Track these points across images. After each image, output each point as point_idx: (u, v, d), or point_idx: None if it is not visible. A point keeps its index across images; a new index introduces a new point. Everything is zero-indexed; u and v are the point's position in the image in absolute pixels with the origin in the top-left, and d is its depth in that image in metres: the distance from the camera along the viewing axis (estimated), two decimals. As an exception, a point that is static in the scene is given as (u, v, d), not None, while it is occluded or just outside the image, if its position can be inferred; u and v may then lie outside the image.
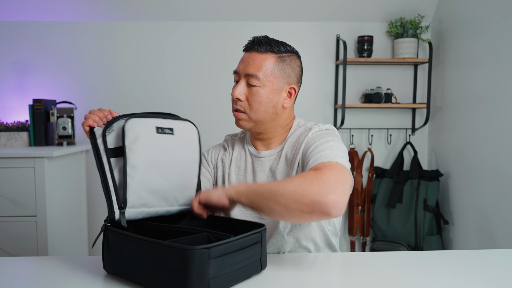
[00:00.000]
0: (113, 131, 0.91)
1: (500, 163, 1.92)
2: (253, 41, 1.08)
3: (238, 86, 1.07)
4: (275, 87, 1.07)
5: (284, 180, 0.90)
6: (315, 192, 0.82)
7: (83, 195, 2.44)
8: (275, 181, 0.93)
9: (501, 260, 0.99)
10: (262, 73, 1.05)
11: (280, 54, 1.07)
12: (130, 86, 2.53)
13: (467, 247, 2.22)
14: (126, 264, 0.83)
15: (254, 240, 0.83)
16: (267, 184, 0.91)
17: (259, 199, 0.88)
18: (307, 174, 0.88)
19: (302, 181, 0.85)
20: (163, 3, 2.39)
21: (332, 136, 1.04)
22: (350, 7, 2.45)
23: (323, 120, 2.59)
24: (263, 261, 0.86)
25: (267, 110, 1.07)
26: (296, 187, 0.84)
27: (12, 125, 2.30)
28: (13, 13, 2.41)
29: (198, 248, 0.72)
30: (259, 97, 1.06)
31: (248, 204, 0.91)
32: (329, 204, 0.81)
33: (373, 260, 0.98)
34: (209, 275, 0.73)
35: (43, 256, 1.02)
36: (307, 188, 0.83)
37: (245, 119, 1.09)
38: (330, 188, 0.82)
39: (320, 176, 0.85)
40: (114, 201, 0.88)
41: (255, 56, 1.06)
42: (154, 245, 0.77)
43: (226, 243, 0.76)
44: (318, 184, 0.83)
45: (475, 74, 2.12)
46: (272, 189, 0.87)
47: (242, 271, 0.81)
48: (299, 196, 0.82)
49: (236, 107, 1.09)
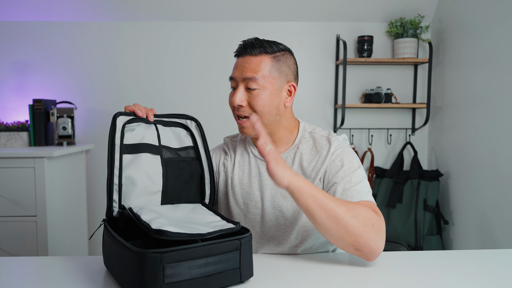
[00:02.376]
0: (134, 130, 0.94)
1: (500, 163, 1.92)
2: (244, 45, 1.06)
3: (238, 92, 1.04)
4: (275, 87, 1.05)
5: (350, 207, 0.90)
6: (372, 239, 0.90)
7: (83, 195, 2.44)
8: (341, 201, 0.91)
9: (501, 260, 0.99)
10: (260, 75, 1.03)
11: (274, 54, 1.05)
12: (130, 86, 2.52)
13: (467, 247, 2.22)
14: (111, 261, 0.85)
15: (229, 248, 0.78)
16: (333, 201, 0.89)
17: (319, 214, 0.89)
18: (371, 214, 0.92)
19: (366, 220, 0.90)
20: (164, 3, 2.39)
21: (351, 154, 1.07)
22: (350, 7, 2.45)
23: (323, 120, 2.59)
24: (245, 271, 0.81)
25: (271, 112, 1.05)
26: (361, 225, 0.89)
27: (12, 125, 2.30)
28: (13, 13, 2.41)
29: (149, 252, 0.70)
30: (261, 100, 1.03)
31: (302, 208, 0.90)
32: (377, 254, 0.91)
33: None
34: (162, 280, 0.71)
35: (43, 256, 1.02)
36: (368, 230, 0.90)
37: (250, 125, 1.06)
38: (381, 241, 0.91)
39: (378, 223, 0.92)
40: (115, 199, 0.89)
41: (250, 60, 1.04)
42: (120, 244, 0.77)
43: (185, 248, 0.73)
44: (377, 232, 0.91)
45: (475, 74, 2.11)
46: (339, 215, 0.88)
47: (211, 279, 0.76)
48: (358, 235, 0.89)
49: (239, 113, 1.06)
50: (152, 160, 0.95)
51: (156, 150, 0.96)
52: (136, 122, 0.95)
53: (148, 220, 0.80)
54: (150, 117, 0.98)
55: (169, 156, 0.99)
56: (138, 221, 0.81)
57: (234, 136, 1.23)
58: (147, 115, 0.98)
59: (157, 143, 0.97)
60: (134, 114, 0.96)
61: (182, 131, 1.04)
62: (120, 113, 0.93)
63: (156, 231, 0.75)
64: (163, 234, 0.74)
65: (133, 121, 0.95)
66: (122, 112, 0.94)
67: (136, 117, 0.96)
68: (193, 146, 1.04)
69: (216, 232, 0.79)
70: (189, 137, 1.04)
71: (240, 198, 1.11)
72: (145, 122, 0.97)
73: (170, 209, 0.93)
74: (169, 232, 0.74)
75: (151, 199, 0.94)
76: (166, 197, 0.97)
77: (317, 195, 0.89)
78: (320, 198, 0.89)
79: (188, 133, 1.04)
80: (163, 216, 0.85)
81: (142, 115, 0.97)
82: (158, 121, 1.00)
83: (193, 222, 0.86)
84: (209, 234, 0.78)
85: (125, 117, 0.94)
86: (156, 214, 0.85)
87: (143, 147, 0.94)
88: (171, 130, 1.02)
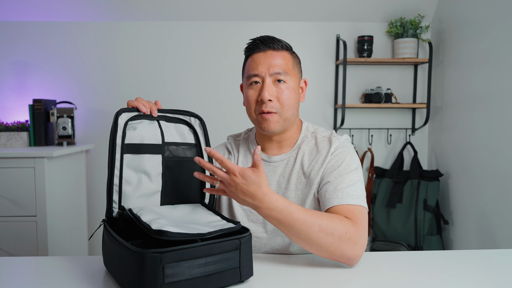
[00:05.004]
0: (136, 129, 0.92)
1: (500, 163, 1.92)
2: (262, 40, 1.05)
3: (266, 87, 1.02)
4: (296, 82, 1.07)
5: (326, 225, 0.89)
6: (348, 250, 0.90)
7: (83, 195, 2.44)
8: (316, 218, 0.89)
9: (501, 260, 0.99)
10: (287, 69, 1.04)
11: (291, 51, 1.08)
12: (130, 86, 2.52)
13: (467, 247, 2.22)
14: (111, 261, 0.84)
15: (229, 247, 0.78)
16: (303, 224, 0.88)
17: (291, 234, 0.89)
18: (347, 227, 0.90)
19: (342, 235, 0.89)
20: (164, 3, 2.39)
21: (352, 155, 1.05)
22: (350, 7, 2.45)
23: (323, 120, 2.59)
24: (245, 271, 0.81)
25: (294, 106, 1.07)
26: (335, 242, 0.89)
27: (12, 125, 2.30)
28: (13, 13, 2.41)
29: (149, 252, 0.70)
30: (289, 93, 1.04)
31: (274, 224, 0.89)
32: (356, 259, 0.91)
33: (373, 260, 0.98)
34: (162, 280, 0.71)
35: (43, 256, 1.02)
36: (343, 244, 0.89)
37: (276, 121, 1.04)
38: (360, 249, 0.91)
39: (356, 231, 0.91)
40: (115, 200, 0.89)
41: (274, 54, 1.04)
42: (120, 245, 0.77)
43: (185, 248, 0.73)
44: (353, 244, 0.90)
45: (475, 74, 2.11)
46: (310, 235, 0.88)
47: (210, 279, 0.76)
48: (334, 249, 0.89)
49: (267, 109, 1.03)
50: (153, 160, 0.94)
51: (157, 150, 0.95)
52: (139, 119, 0.93)
53: (148, 221, 0.80)
54: (154, 112, 0.95)
55: (171, 155, 0.97)
56: (138, 222, 0.81)
57: (237, 135, 1.23)
58: (151, 110, 0.95)
59: (160, 140, 0.96)
60: (137, 109, 0.93)
61: (185, 128, 1.02)
62: (123, 109, 0.91)
63: (157, 231, 0.75)
64: (163, 234, 0.74)
65: (136, 118, 0.93)
66: (125, 108, 0.92)
67: (139, 114, 0.94)
68: (195, 144, 1.02)
69: (216, 231, 0.79)
70: (191, 134, 1.03)
71: None
72: (148, 118, 0.95)
73: (170, 209, 0.93)
74: (169, 232, 0.74)
75: (150, 199, 0.94)
76: (166, 197, 0.97)
77: (284, 219, 0.88)
78: (289, 223, 0.88)
79: (191, 130, 1.03)
80: (163, 217, 0.85)
81: (145, 111, 0.94)
82: (162, 117, 0.98)
83: (193, 222, 0.86)
84: (210, 233, 0.78)
85: (128, 114, 0.92)
86: (156, 214, 0.85)
87: (144, 147, 0.93)
88: (174, 126, 1.00)
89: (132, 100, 0.95)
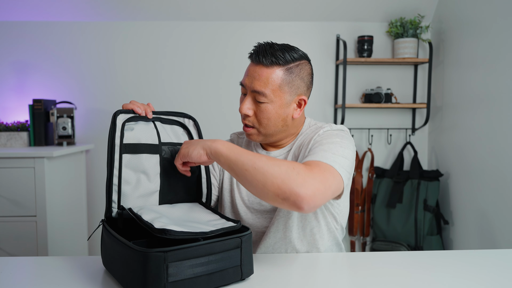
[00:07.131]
0: (134, 129, 0.93)
1: (500, 163, 1.92)
2: (257, 50, 1.01)
3: (246, 102, 1.03)
4: (284, 101, 1.02)
5: (272, 159, 0.85)
6: (297, 184, 0.81)
7: (83, 195, 2.44)
8: (262, 155, 0.86)
9: (501, 260, 0.99)
10: (269, 90, 0.99)
11: (288, 66, 1.01)
12: (130, 86, 2.53)
13: (467, 247, 2.22)
14: (111, 261, 0.84)
15: (230, 246, 0.79)
16: (252, 155, 0.86)
17: (239, 168, 0.85)
18: (297, 165, 0.85)
19: (289, 169, 0.83)
20: (163, 3, 2.39)
21: (342, 139, 1.00)
22: (350, 7, 2.45)
23: (323, 120, 2.59)
24: (246, 269, 0.82)
25: (277, 124, 1.04)
26: (282, 173, 0.82)
27: (12, 125, 2.30)
28: (13, 13, 2.41)
29: (152, 251, 0.70)
30: (268, 113, 1.01)
31: (225, 168, 0.88)
32: (305, 199, 0.81)
33: (373, 260, 0.98)
34: (166, 279, 0.71)
35: (43, 256, 1.02)
36: (292, 176, 0.81)
37: (255, 134, 1.06)
38: (311, 185, 0.82)
39: (309, 172, 0.84)
40: (114, 200, 0.89)
41: (261, 71, 1.00)
42: (122, 244, 0.77)
43: (188, 247, 0.73)
44: (303, 178, 0.82)
45: (475, 74, 2.11)
46: (257, 165, 0.83)
47: (213, 277, 0.77)
48: (280, 182, 0.81)
49: (245, 122, 1.05)
50: (151, 160, 0.95)
51: (155, 150, 0.96)
52: (135, 120, 0.95)
53: (150, 220, 0.80)
54: (149, 114, 0.97)
55: (168, 155, 0.99)
56: (140, 221, 0.81)
57: (240, 133, 1.25)
58: (146, 112, 0.97)
59: (157, 141, 0.97)
60: (133, 111, 0.95)
61: (180, 129, 1.04)
62: (120, 111, 0.93)
63: (160, 230, 0.75)
64: (167, 233, 0.74)
65: (132, 119, 0.95)
66: (121, 110, 0.93)
67: (135, 115, 0.95)
68: None
69: (219, 230, 0.80)
70: (186, 135, 1.05)
71: (246, 195, 1.12)
72: (144, 120, 0.97)
73: (169, 208, 0.93)
74: (172, 231, 0.74)
75: (149, 199, 0.95)
76: (164, 197, 0.98)
77: (234, 149, 0.87)
78: (238, 152, 0.86)
79: (185, 131, 1.05)
80: (164, 216, 0.85)
81: (141, 113, 0.95)
82: (157, 118, 1.00)
83: (193, 221, 0.86)
84: (212, 232, 0.78)
85: (125, 115, 0.93)
86: (156, 213, 0.85)
87: (142, 147, 0.94)
88: (169, 127, 1.02)
89: (127, 103, 0.96)
